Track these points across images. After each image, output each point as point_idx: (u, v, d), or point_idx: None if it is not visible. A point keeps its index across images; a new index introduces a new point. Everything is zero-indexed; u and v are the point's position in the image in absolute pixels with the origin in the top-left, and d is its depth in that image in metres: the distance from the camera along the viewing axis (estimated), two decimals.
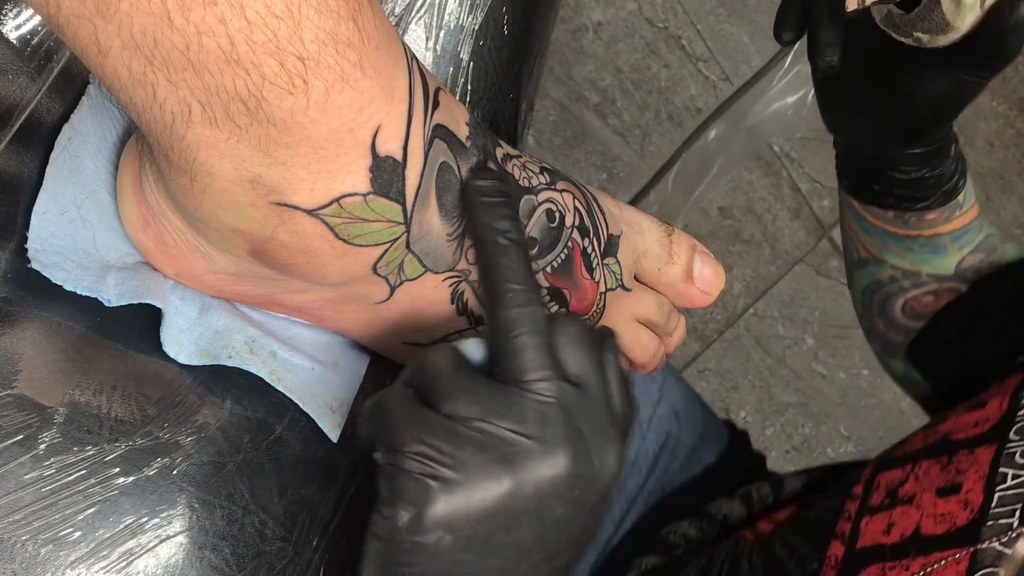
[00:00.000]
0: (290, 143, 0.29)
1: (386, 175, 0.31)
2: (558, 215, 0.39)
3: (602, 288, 0.42)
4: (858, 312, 0.67)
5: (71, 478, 0.33)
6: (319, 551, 0.39)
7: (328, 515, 0.40)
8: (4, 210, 0.34)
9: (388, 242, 0.33)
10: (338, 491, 0.40)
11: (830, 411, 1.47)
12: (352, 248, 0.32)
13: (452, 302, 0.38)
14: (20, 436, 0.32)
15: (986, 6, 0.43)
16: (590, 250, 0.40)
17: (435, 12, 0.42)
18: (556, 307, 0.40)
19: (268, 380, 0.38)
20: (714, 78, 1.39)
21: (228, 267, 0.35)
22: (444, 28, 0.43)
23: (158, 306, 0.36)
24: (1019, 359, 0.54)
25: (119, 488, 0.34)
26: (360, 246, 0.33)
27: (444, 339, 0.40)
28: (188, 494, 0.35)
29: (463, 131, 0.34)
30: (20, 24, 0.34)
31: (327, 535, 0.40)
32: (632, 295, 0.43)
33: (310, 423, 0.39)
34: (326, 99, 0.28)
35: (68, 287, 0.34)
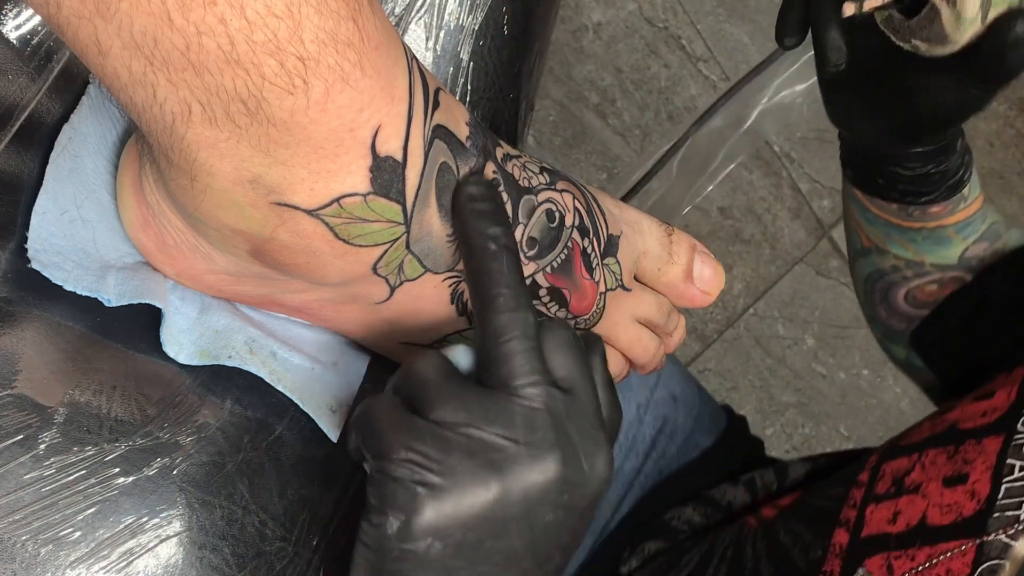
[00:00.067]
0: (290, 143, 0.29)
1: (386, 175, 0.31)
2: (558, 215, 0.39)
3: (602, 288, 0.42)
4: (860, 299, 0.67)
5: (71, 478, 0.33)
6: (319, 551, 0.39)
7: (328, 515, 0.40)
8: (4, 210, 0.34)
9: (388, 242, 0.33)
10: (338, 491, 0.40)
11: (830, 411, 1.47)
12: (352, 248, 0.32)
13: (452, 302, 0.38)
14: (20, 436, 0.32)
15: (987, 20, 0.43)
16: (590, 250, 0.40)
17: (435, 12, 0.42)
18: (556, 307, 0.40)
19: (268, 380, 0.38)
20: (714, 78, 1.39)
21: (228, 267, 0.35)
22: (444, 28, 0.43)
23: (158, 306, 0.36)
24: None
25: (119, 488, 0.34)
26: (360, 246, 0.33)
27: (444, 339, 0.40)
28: (188, 494, 0.35)
29: (463, 131, 0.34)
30: (20, 24, 0.34)
31: (327, 535, 0.40)
32: (632, 295, 0.43)
33: (310, 423, 0.39)
34: (326, 99, 0.28)
35: (68, 287, 0.34)
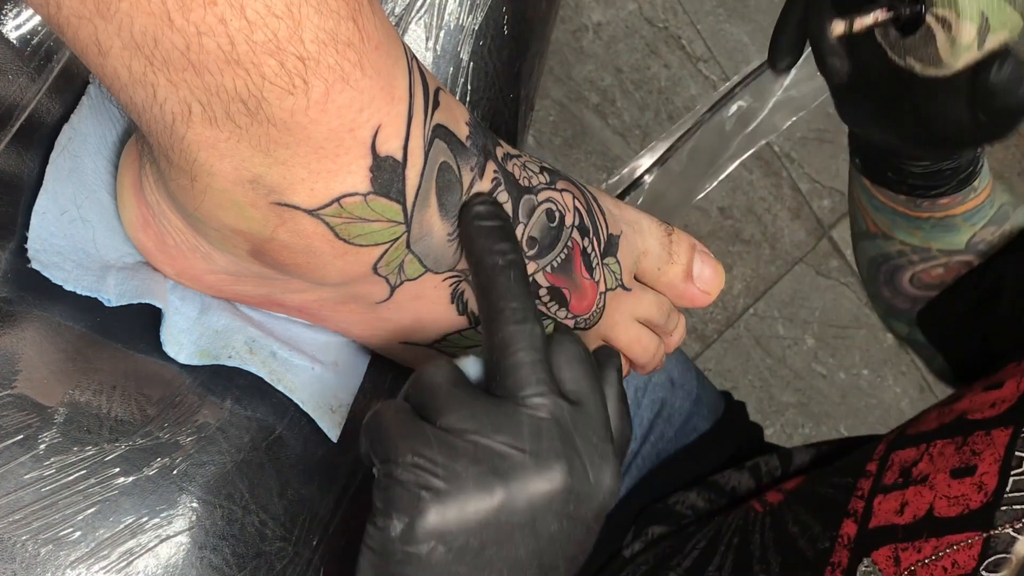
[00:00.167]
0: (290, 143, 0.29)
1: (386, 175, 0.31)
2: (558, 215, 0.39)
3: (602, 288, 0.42)
4: (863, 278, 0.66)
5: (71, 478, 0.33)
6: (319, 551, 0.39)
7: (328, 515, 0.40)
8: (4, 210, 0.34)
9: (388, 242, 0.33)
10: (338, 491, 0.40)
11: (830, 411, 1.47)
12: (352, 248, 0.32)
13: (452, 302, 0.38)
14: (20, 436, 0.32)
15: (985, 48, 0.42)
16: (590, 250, 0.40)
17: (435, 12, 0.42)
18: (556, 307, 0.40)
19: (268, 380, 0.38)
20: (714, 78, 1.39)
21: (228, 267, 0.35)
22: (444, 28, 0.43)
23: (158, 306, 0.36)
24: None
25: (119, 488, 0.34)
26: (360, 246, 0.33)
27: (444, 339, 0.40)
28: (188, 494, 0.35)
29: (463, 131, 0.34)
30: (20, 24, 0.34)
31: (327, 535, 0.40)
32: (632, 295, 0.43)
33: (310, 423, 0.39)
34: (326, 99, 0.28)
35: (68, 287, 0.34)
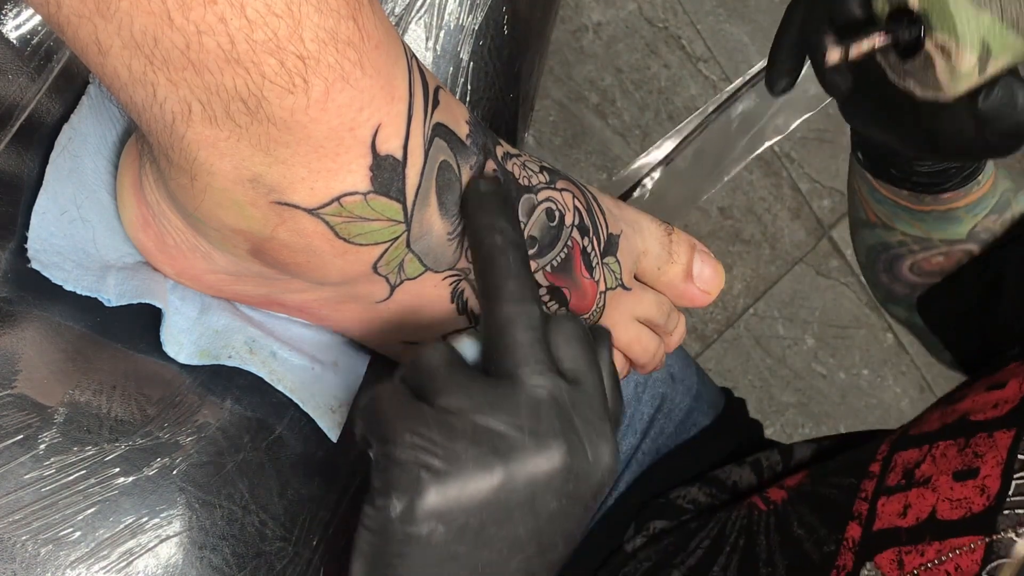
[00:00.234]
0: (290, 142, 0.29)
1: (386, 174, 0.31)
2: (558, 214, 0.39)
3: (602, 287, 0.42)
4: (861, 264, 0.65)
5: (71, 478, 0.33)
6: (319, 551, 0.39)
7: (328, 515, 0.40)
8: (4, 210, 0.34)
9: (388, 241, 0.33)
10: (338, 491, 0.40)
11: (830, 411, 1.47)
12: (352, 247, 0.32)
13: (452, 301, 0.38)
14: (20, 436, 0.32)
15: (987, 74, 0.41)
16: (590, 249, 0.40)
17: (435, 12, 0.42)
18: (556, 307, 0.40)
19: (268, 380, 0.38)
20: (714, 78, 1.39)
21: (228, 267, 0.35)
22: (444, 28, 0.43)
23: (158, 306, 0.36)
24: None
25: (119, 488, 0.34)
26: (360, 245, 0.33)
27: (448, 336, 0.40)
28: (188, 494, 0.35)
29: (463, 130, 0.34)
30: (20, 24, 0.34)
31: (327, 535, 0.39)
32: (632, 294, 0.43)
33: (310, 423, 0.39)
34: (326, 98, 0.28)
35: (68, 287, 0.34)
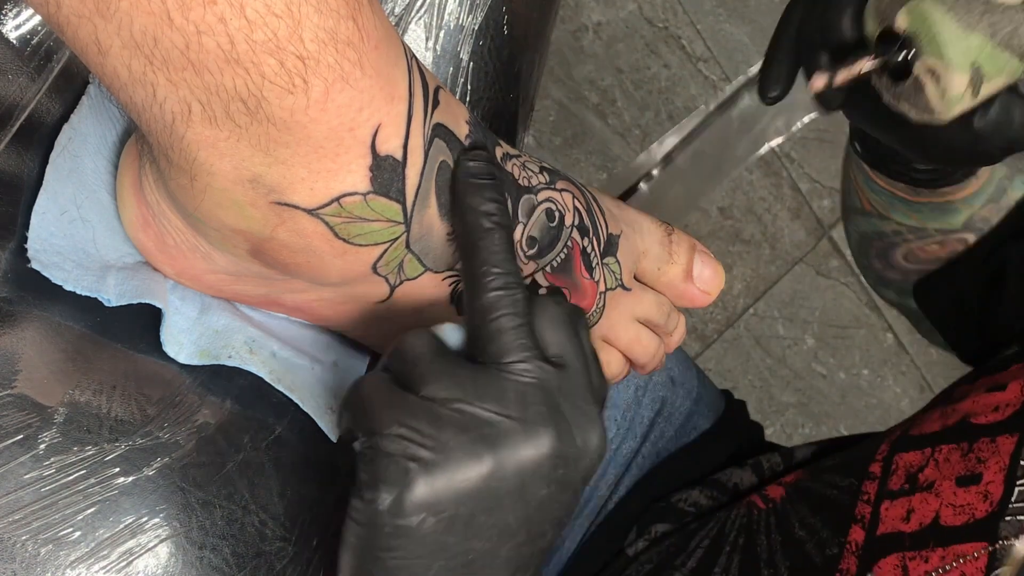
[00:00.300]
0: (290, 142, 0.29)
1: (386, 174, 0.31)
2: (558, 214, 0.39)
3: (602, 288, 0.42)
4: (851, 248, 0.64)
5: (71, 478, 0.33)
6: (319, 551, 0.39)
7: (328, 515, 0.40)
8: (4, 210, 0.34)
9: (388, 241, 0.33)
10: (338, 491, 0.40)
11: (830, 411, 1.47)
12: (352, 247, 0.32)
13: (452, 302, 0.38)
14: (20, 436, 0.32)
15: (982, 96, 0.40)
16: (590, 249, 0.40)
17: (435, 12, 0.42)
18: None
19: (268, 380, 0.38)
20: (714, 78, 1.39)
21: (228, 267, 0.35)
22: (444, 28, 0.43)
23: (158, 306, 0.36)
24: None
25: (119, 488, 0.34)
26: (360, 245, 0.33)
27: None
28: (188, 494, 0.35)
29: (463, 130, 0.34)
30: (20, 24, 0.34)
31: (327, 535, 0.39)
32: (632, 295, 0.43)
33: (310, 423, 0.39)
34: (326, 98, 0.28)
35: (68, 287, 0.34)
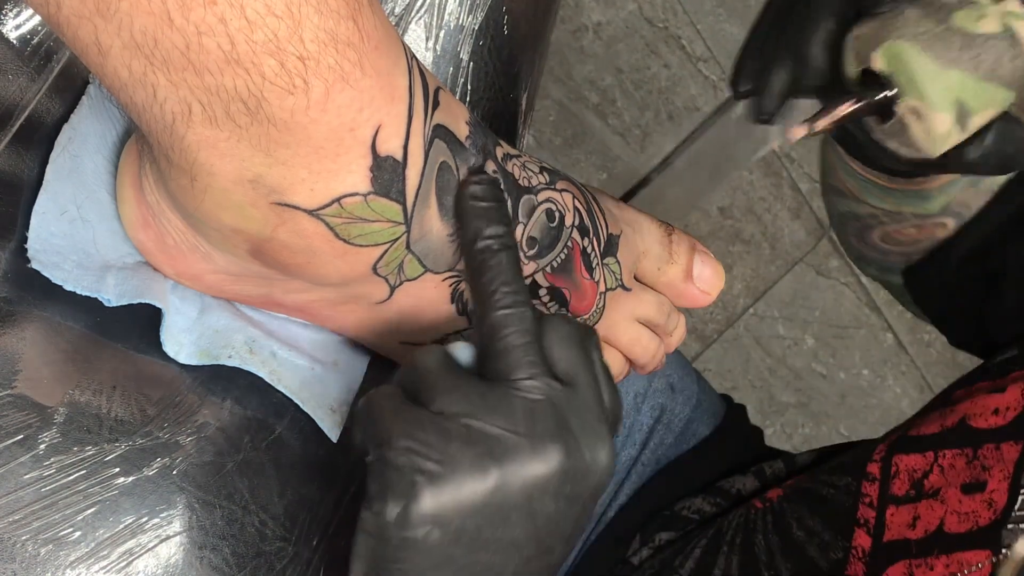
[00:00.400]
0: (290, 143, 0.29)
1: (386, 175, 0.31)
2: (558, 215, 0.39)
3: (602, 288, 0.42)
4: (832, 224, 0.63)
5: (71, 478, 0.33)
6: (319, 551, 0.39)
7: (328, 515, 0.40)
8: (4, 210, 0.34)
9: (388, 242, 0.33)
10: (338, 491, 0.40)
11: (830, 411, 1.47)
12: (352, 248, 0.32)
13: (452, 302, 0.38)
14: (20, 436, 0.32)
15: (970, 129, 0.41)
16: (590, 250, 0.40)
17: (435, 12, 0.42)
18: (556, 307, 0.40)
19: (268, 380, 0.38)
20: (714, 78, 1.39)
21: (228, 267, 0.35)
22: (444, 28, 0.43)
23: (158, 306, 0.36)
24: None
25: (119, 488, 0.34)
26: (360, 246, 0.33)
27: (444, 339, 0.40)
28: (188, 494, 0.35)
29: (463, 130, 0.34)
30: (20, 24, 0.34)
31: (327, 535, 0.40)
32: (632, 295, 0.43)
33: (310, 423, 0.39)
34: (326, 99, 0.28)
35: (68, 287, 0.34)
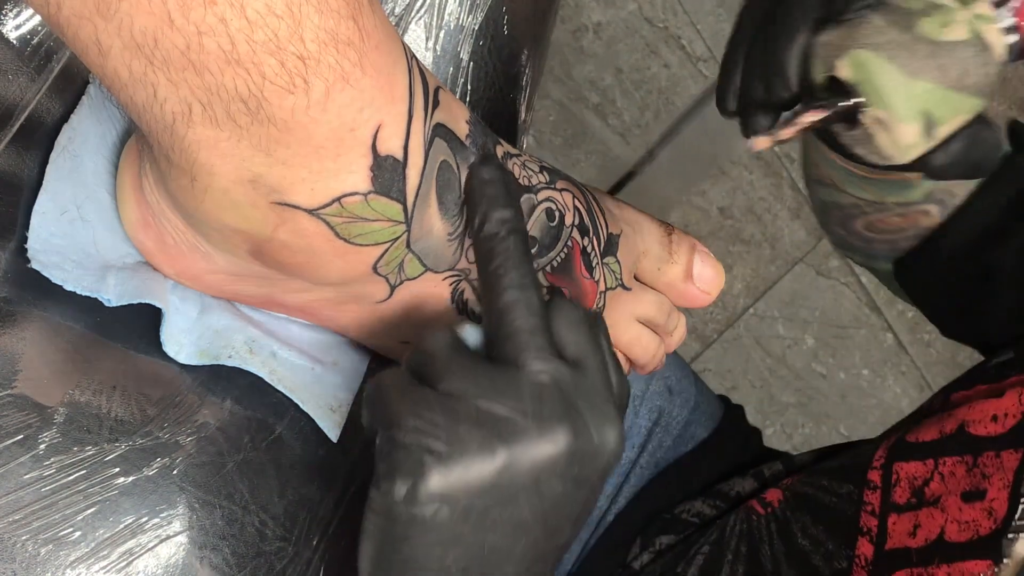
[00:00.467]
0: (291, 143, 0.29)
1: (387, 174, 0.31)
2: (558, 214, 0.39)
3: (602, 287, 0.42)
4: (815, 213, 0.63)
5: (71, 478, 0.33)
6: (319, 551, 0.39)
7: (328, 515, 0.40)
8: (4, 210, 0.34)
9: (388, 241, 0.33)
10: (338, 491, 0.40)
11: (830, 411, 1.47)
12: (353, 247, 0.32)
13: (452, 301, 0.38)
14: (20, 436, 0.32)
15: (939, 137, 0.41)
16: (590, 249, 0.40)
17: (435, 12, 0.42)
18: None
19: (268, 380, 0.38)
20: (714, 78, 1.39)
21: (228, 267, 0.35)
22: (444, 28, 0.43)
23: (158, 306, 0.36)
24: None
25: (119, 488, 0.34)
26: (361, 245, 0.33)
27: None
28: (188, 494, 0.35)
29: (463, 130, 0.34)
30: (20, 24, 0.34)
31: (327, 535, 0.40)
32: (632, 294, 0.43)
33: (310, 423, 0.39)
34: (327, 98, 0.28)
35: (68, 287, 0.34)
